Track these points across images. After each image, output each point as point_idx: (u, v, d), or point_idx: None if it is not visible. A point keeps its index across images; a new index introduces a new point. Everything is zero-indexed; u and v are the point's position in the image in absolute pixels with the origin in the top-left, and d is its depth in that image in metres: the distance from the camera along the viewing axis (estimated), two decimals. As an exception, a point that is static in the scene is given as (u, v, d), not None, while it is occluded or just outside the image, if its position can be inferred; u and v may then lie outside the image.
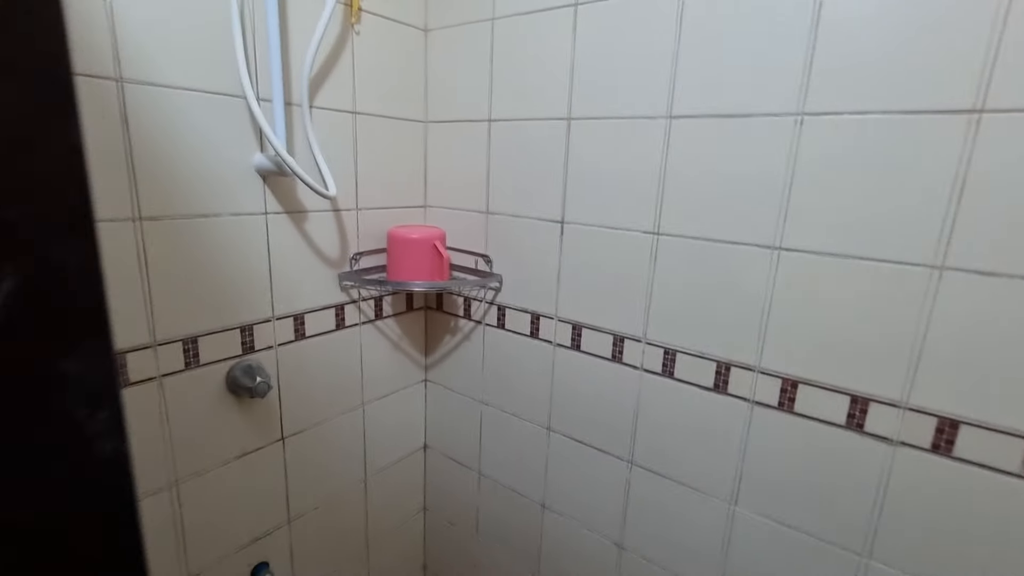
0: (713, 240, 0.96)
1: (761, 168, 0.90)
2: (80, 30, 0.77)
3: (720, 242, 0.95)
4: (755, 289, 0.93)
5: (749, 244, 0.93)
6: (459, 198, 1.34)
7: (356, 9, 1.14)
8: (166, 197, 0.90)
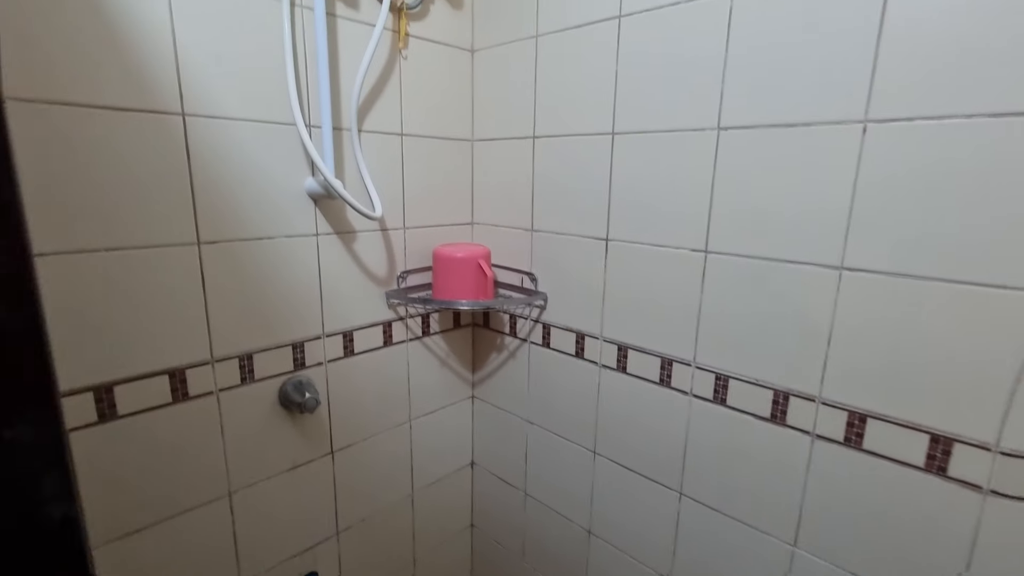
0: (767, 259, 0.90)
1: (818, 181, 0.83)
2: (151, 71, 0.84)
3: (775, 261, 0.89)
4: (815, 312, 0.85)
5: (808, 263, 0.85)
6: (505, 215, 1.34)
7: (403, 35, 1.17)
8: (224, 222, 0.96)
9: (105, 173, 0.82)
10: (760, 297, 0.91)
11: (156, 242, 0.88)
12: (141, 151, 0.85)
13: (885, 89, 0.75)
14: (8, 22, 0.71)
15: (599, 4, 1.05)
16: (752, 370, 0.94)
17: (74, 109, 0.78)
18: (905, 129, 0.74)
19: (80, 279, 0.82)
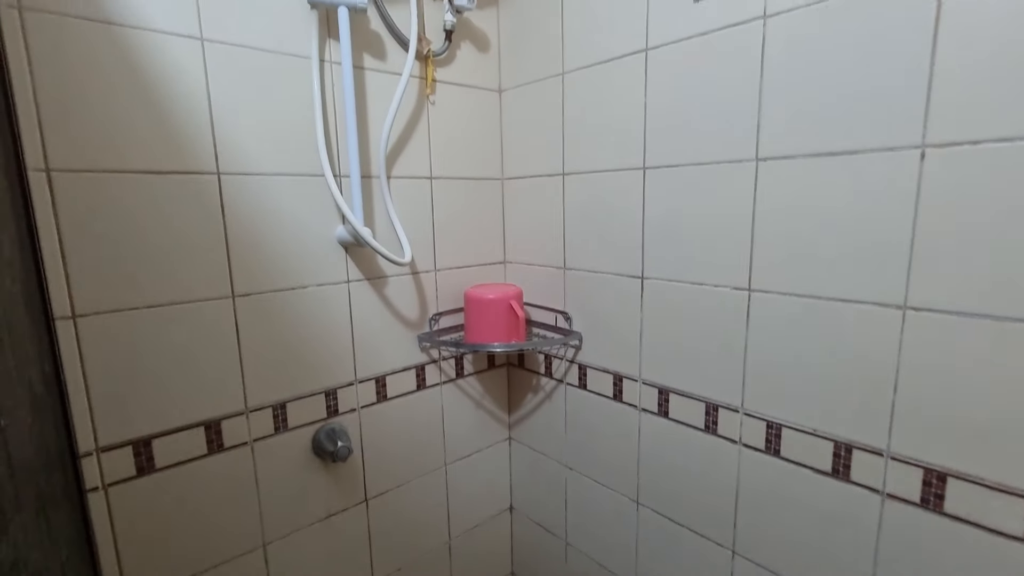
0: (818, 297, 0.82)
1: (871, 212, 0.75)
2: (189, 135, 0.88)
3: (828, 299, 0.81)
4: (877, 356, 0.77)
5: (866, 302, 0.77)
6: (537, 254, 1.31)
7: (431, 81, 1.19)
8: (257, 274, 0.97)
9: (145, 234, 0.85)
10: (812, 339, 0.84)
11: (193, 297, 0.91)
12: (179, 211, 0.88)
13: (944, 110, 0.68)
14: (51, 96, 0.76)
15: (624, 39, 1.03)
16: (808, 419, 0.86)
17: (114, 176, 0.81)
18: (971, 154, 0.67)
19: (120, 337, 0.84)
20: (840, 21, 0.76)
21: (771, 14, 0.83)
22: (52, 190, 0.76)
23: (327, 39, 1.01)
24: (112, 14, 0.79)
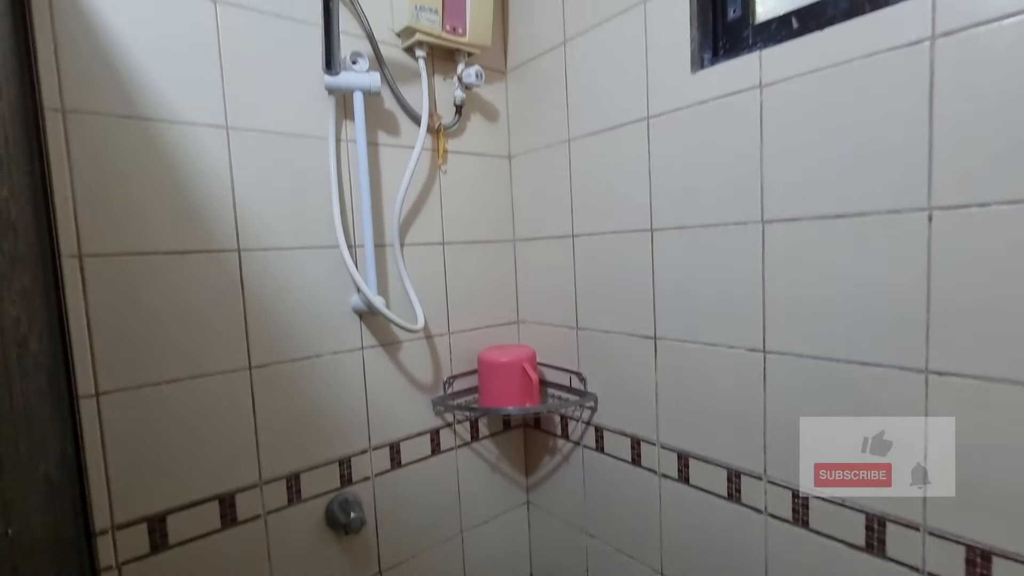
0: (836, 360, 0.80)
1: (883, 274, 0.74)
2: (212, 216, 0.92)
3: (847, 363, 0.79)
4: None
5: (884, 365, 0.75)
6: (549, 314, 1.32)
7: (442, 152, 1.24)
8: (274, 345, 1.00)
9: (169, 312, 0.88)
10: (834, 404, 0.81)
11: (211, 370, 0.93)
12: (201, 288, 0.91)
13: (947, 173, 0.68)
14: (87, 187, 0.81)
15: (626, 108, 1.07)
16: (836, 489, 0.82)
17: (142, 258, 0.86)
18: (980, 216, 0.66)
19: (140, 413, 0.86)
20: (834, 89, 0.77)
21: (767, 83, 0.85)
22: (83, 275, 0.81)
23: (343, 120, 1.08)
24: (146, 111, 0.85)
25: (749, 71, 0.87)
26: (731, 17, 0.95)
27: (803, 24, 0.84)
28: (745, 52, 0.88)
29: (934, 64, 0.68)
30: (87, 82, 0.80)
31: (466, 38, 1.16)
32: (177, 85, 0.88)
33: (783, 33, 0.86)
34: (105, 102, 0.82)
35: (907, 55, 0.70)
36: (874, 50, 0.73)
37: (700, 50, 0.96)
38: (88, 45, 0.81)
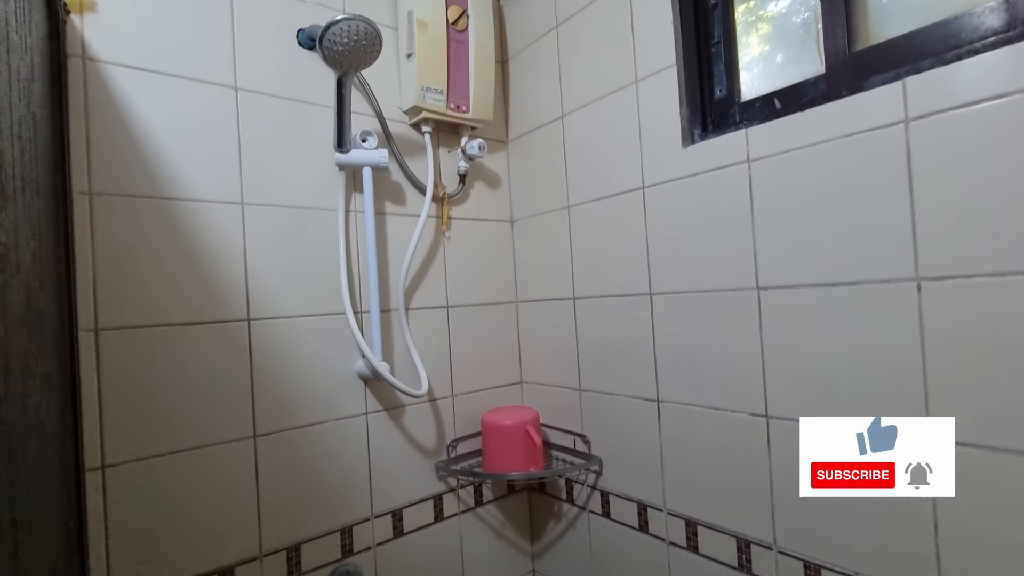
0: (838, 427, 0.80)
1: (878, 341, 0.76)
2: (225, 287, 0.96)
3: (848, 430, 0.79)
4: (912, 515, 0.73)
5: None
6: (552, 375, 1.32)
7: (446, 219, 1.29)
8: (279, 413, 1.00)
9: (177, 382, 0.90)
10: (839, 472, 0.80)
11: (216, 440, 0.93)
12: (210, 358, 0.93)
13: (932, 246, 0.71)
14: (108, 263, 0.85)
15: (622, 178, 1.12)
16: (851, 560, 0.80)
17: (155, 329, 0.88)
18: (966, 287, 0.68)
19: (142, 486, 0.86)
20: (818, 166, 0.82)
21: (754, 159, 0.90)
22: (98, 349, 0.83)
23: (352, 192, 1.13)
24: (167, 190, 0.90)
25: (737, 147, 0.92)
26: (718, 96, 1.01)
27: (785, 105, 0.90)
28: (732, 129, 0.94)
29: (910, 144, 0.73)
30: (114, 166, 0.86)
31: (469, 114, 1.24)
32: (198, 166, 0.93)
33: (767, 112, 0.92)
34: (129, 184, 0.87)
35: (884, 136, 0.75)
36: (853, 131, 0.78)
37: (690, 126, 1.01)
38: (118, 131, 0.87)
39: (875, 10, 0.83)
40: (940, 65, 0.71)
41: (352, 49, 0.91)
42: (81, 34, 0.84)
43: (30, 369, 0.45)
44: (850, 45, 0.83)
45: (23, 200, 0.46)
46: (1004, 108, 0.65)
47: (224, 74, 0.97)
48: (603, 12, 1.15)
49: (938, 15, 0.74)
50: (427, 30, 1.16)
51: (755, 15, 0.99)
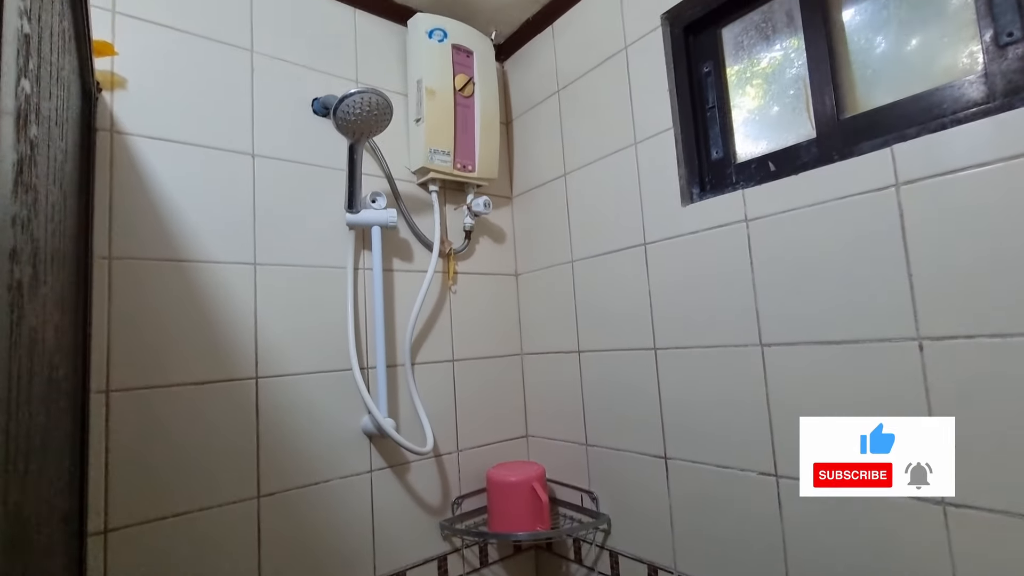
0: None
1: (889, 401, 0.76)
2: (235, 347, 0.97)
3: (868, 497, 0.78)
4: (926, 558, 0.71)
5: (903, 496, 0.74)
6: (558, 428, 1.31)
7: (452, 274, 1.31)
8: (283, 472, 1.00)
9: (183, 442, 0.90)
10: (857, 539, 0.78)
11: (219, 501, 0.92)
12: (216, 417, 0.94)
13: (931, 306, 0.72)
14: (122, 325, 0.87)
15: (624, 235, 1.15)
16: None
17: (164, 390, 0.89)
18: (967, 347, 0.69)
19: (143, 551, 0.85)
20: (815, 226, 0.84)
21: (751, 218, 0.92)
22: (108, 410, 0.84)
23: (361, 250, 1.16)
24: (182, 253, 0.94)
25: (734, 207, 0.95)
26: (715, 157, 1.05)
27: (779, 168, 0.93)
28: (730, 190, 0.97)
29: (902, 207, 0.75)
30: (133, 230, 0.89)
31: (475, 173, 1.28)
32: (213, 228, 0.97)
33: (762, 174, 0.95)
34: (147, 247, 0.90)
35: (876, 199, 0.77)
36: (846, 193, 0.81)
37: (688, 186, 1.05)
38: (139, 197, 0.91)
39: (861, 79, 0.88)
40: (926, 133, 0.74)
41: (364, 119, 0.96)
42: (111, 109, 0.89)
43: (46, 443, 0.46)
44: (839, 112, 0.87)
45: (51, 278, 0.48)
46: (990, 175, 0.68)
47: (242, 142, 1.02)
48: (602, 78, 1.21)
49: (921, 86, 0.78)
50: (435, 97, 1.22)
51: (749, 71, 1.03)
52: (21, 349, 0.33)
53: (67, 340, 0.61)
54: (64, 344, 0.58)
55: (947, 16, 0.78)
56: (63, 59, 0.54)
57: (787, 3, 0.96)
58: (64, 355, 0.58)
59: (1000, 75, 0.70)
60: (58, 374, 0.53)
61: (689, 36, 1.08)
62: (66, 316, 0.60)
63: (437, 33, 1.23)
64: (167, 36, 0.96)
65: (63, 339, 0.57)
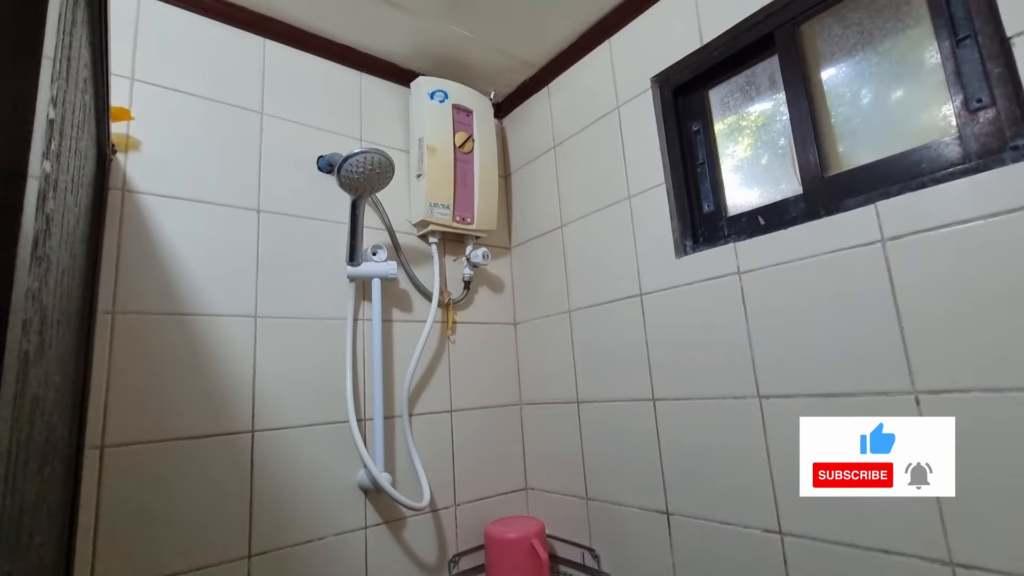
0: (860, 547, 0.77)
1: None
2: (232, 400, 0.97)
3: (873, 551, 0.76)
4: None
5: (909, 555, 0.72)
6: (558, 481, 1.29)
7: (451, 323, 1.32)
8: (276, 529, 0.98)
9: (175, 499, 0.89)
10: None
11: (209, 562, 0.90)
12: (210, 472, 0.93)
13: (925, 362, 0.72)
14: (122, 379, 0.87)
15: (621, 285, 1.16)
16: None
17: (159, 445, 0.89)
18: (962, 401, 0.69)
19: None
20: (805, 279, 0.86)
21: (744, 271, 0.94)
22: (101, 466, 0.83)
23: (361, 301, 1.17)
24: (184, 306, 0.95)
25: (727, 259, 0.97)
26: (706, 210, 1.08)
27: (769, 222, 0.95)
28: (722, 243, 0.99)
29: (889, 262, 0.77)
30: (138, 286, 0.91)
31: (474, 225, 1.32)
32: (216, 282, 0.99)
33: (753, 228, 0.98)
34: (150, 302, 0.92)
35: (864, 254, 0.79)
36: (835, 248, 0.83)
37: (682, 238, 1.07)
38: (145, 253, 0.93)
39: (842, 137, 0.91)
40: (908, 191, 0.76)
41: (367, 177, 0.99)
42: (124, 169, 0.93)
43: (38, 508, 0.46)
44: (823, 169, 0.90)
45: (56, 341, 0.49)
46: (971, 232, 0.70)
47: (249, 198, 1.06)
48: (596, 135, 1.26)
49: (901, 145, 0.82)
50: (436, 153, 1.26)
51: (738, 125, 1.07)
52: (22, 420, 0.34)
53: (66, 399, 0.62)
54: (63, 405, 0.58)
55: (920, 79, 0.82)
56: (83, 131, 0.57)
57: (769, 67, 1.01)
58: (61, 414, 0.58)
59: (974, 138, 0.73)
60: (55, 435, 0.53)
61: (678, 97, 1.13)
62: (67, 376, 0.61)
63: (439, 94, 1.30)
64: (182, 100, 1.01)
65: (62, 399, 0.57)
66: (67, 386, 0.63)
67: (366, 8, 1.14)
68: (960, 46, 0.75)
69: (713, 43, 1.03)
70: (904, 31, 0.84)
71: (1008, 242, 0.67)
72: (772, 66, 1.00)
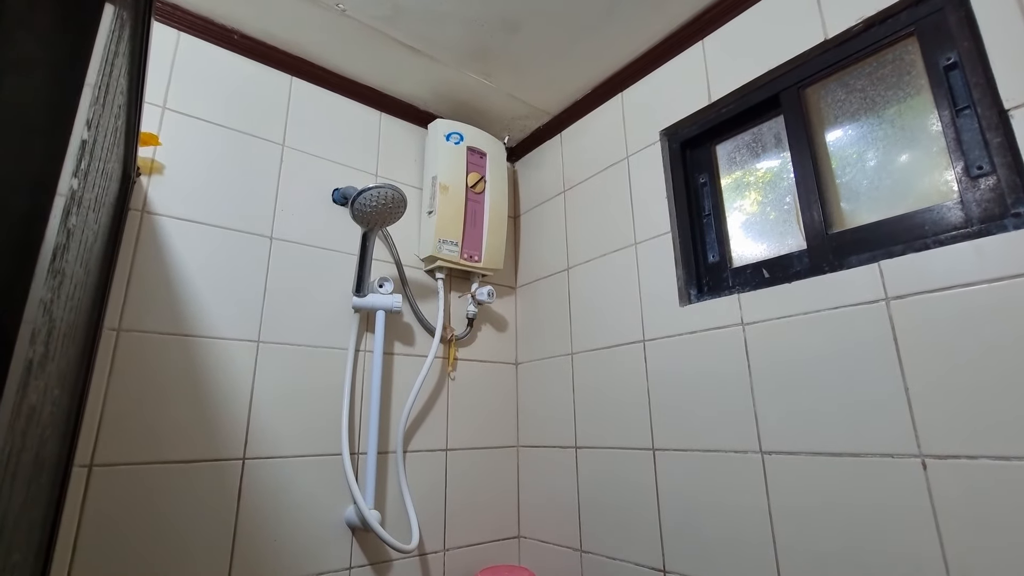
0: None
1: (895, 520, 0.73)
2: (226, 427, 0.96)
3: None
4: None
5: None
6: (552, 531, 1.25)
7: (452, 360, 1.32)
8: (257, 565, 0.94)
9: (156, 526, 0.87)
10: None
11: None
12: (196, 499, 0.91)
13: (931, 425, 0.71)
14: (118, 398, 0.87)
15: (624, 330, 1.16)
16: None
17: (147, 467, 0.88)
18: (971, 467, 0.67)
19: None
20: (809, 334, 0.85)
21: (748, 322, 0.94)
22: (88, 485, 0.82)
23: (364, 332, 1.18)
24: (188, 328, 0.96)
25: (731, 310, 0.97)
26: (711, 260, 1.09)
27: (773, 275, 0.96)
28: (726, 293, 1.00)
29: (893, 321, 0.77)
30: (145, 305, 0.92)
31: (481, 263, 1.33)
32: (222, 305, 1.00)
33: (757, 280, 0.99)
34: (155, 322, 0.93)
35: (868, 312, 0.79)
36: (838, 304, 0.83)
37: (686, 287, 1.08)
38: (156, 273, 0.94)
39: (846, 196, 0.93)
40: (911, 252, 0.77)
41: (380, 211, 1.02)
42: (145, 191, 0.96)
43: (19, 523, 0.45)
44: (827, 226, 0.92)
45: (59, 353, 0.50)
46: (974, 295, 0.70)
47: (263, 225, 1.08)
48: (605, 183, 1.29)
49: (904, 206, 0.83)
50: (448, 192, 1.30)
51: (745, 180, 1.10)
52: (16, 431, 0.34)
53: (61, 413, 0.62)
54: (58, 418, 0.58)
55: (922, 145, 0.84)
56: (111, 153, 0.59)
57: (775, 127, 1.05)
58: (55, 429, 0.58)
59: (975, 203, 0.75)
60: (45, 449, 0.53)
61: (686, 150, 1.16)
62: (66, 391, 0.61)
63: (454, 136, 1.34)
64: (208, 129, 1.06)
65: (58, 413, 0.57)
66: (64, 400, 0.63)
67: (391, 53, 1.20)
68: (960, 116, 0.78)
69: (721, 101, 1.07)
70: (905, 99, 0.87)
71: (1013, 309, 0.67)
72: (778, 125, 1.04)
